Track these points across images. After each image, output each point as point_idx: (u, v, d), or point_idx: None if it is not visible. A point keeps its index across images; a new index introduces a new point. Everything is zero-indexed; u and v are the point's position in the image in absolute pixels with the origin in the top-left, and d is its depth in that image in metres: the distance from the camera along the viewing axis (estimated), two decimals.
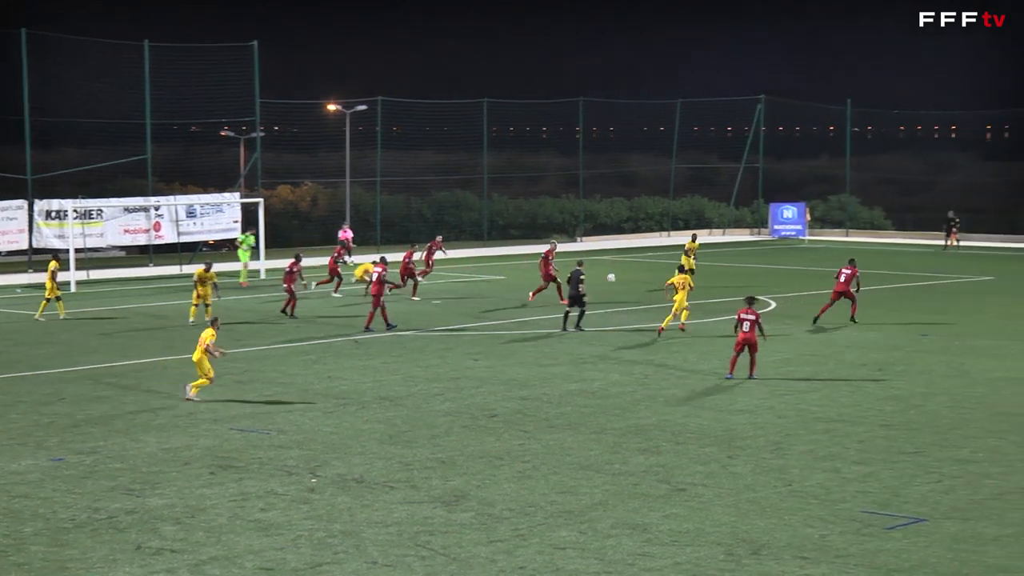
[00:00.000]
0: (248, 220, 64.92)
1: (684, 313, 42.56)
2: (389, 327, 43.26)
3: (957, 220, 79.04)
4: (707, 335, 42.48)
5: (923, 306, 50.27)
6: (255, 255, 60.92)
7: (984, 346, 40.13)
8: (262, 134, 73.95)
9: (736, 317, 34.86)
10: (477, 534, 21.13)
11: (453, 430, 28.74)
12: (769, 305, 49.46)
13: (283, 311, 46.63)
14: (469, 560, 19.84)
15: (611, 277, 51.35)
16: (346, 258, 65.16)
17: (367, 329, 43.23)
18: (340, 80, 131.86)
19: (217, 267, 48.90)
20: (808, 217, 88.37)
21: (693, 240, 58.53)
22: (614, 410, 30.72)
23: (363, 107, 77.05)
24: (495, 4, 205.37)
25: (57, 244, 59.27)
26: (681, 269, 44.98)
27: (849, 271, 44.34)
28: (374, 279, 43.75)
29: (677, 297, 42.58)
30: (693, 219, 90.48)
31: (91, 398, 32.63)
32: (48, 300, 46.44)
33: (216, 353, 32.08)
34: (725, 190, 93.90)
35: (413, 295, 52.14)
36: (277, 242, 68.29)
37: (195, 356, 32.13)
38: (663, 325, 41.56)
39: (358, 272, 52.18)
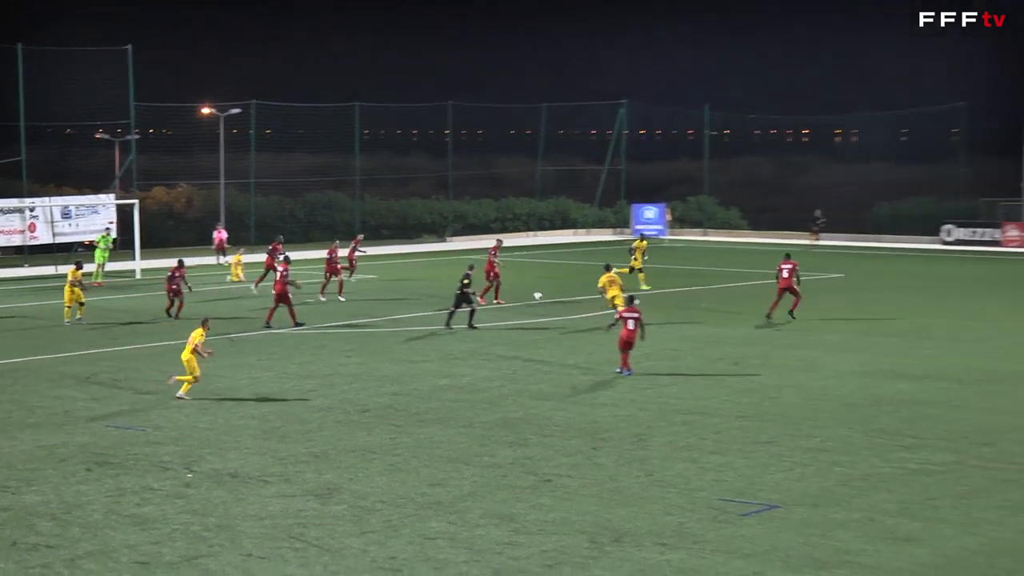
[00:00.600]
0: (123, 222, 64.20)
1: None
2: (297, 325, 43.09)
3: (823, 219, 79.88)
4: (573, 331, 42.73)
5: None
6: (109, 255, 60.05)
7: (833, 341, 40.75)
8: (137, 136, 73.17)
9: (618, 315, 34.99)
10: (350, 526, 21.10)
11: (326, 425, 28.66)
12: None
13: (168, 312, 45.94)
14: (342, 551, 19.81)
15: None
16: (220, 259, 64.78)
17: (267, 325, 43.26)
18: (215, 83, 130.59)
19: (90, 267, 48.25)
20: (668, 217, 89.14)
21: (642, 239, 58.20)
22: (483, 404, 30.80)
23: (237, 110, 76.47)
24: (369, 9, 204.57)
25: None
26: (608, 268, 45.65)
27: (790, 265, 44.74)
28: (278, 278, 43.73)
29: (610, 294, 43.12)
30: (558, 219, 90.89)
31: None
32: None
33: (204, 353, 31.84)
34: (589, 191, 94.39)
35: (339, 294, 51.81)
36: (153, 243, 67.57)
37: (184, 355, 31.85)
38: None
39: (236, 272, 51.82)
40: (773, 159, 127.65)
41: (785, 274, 44.56)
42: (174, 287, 45.70)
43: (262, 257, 56.56)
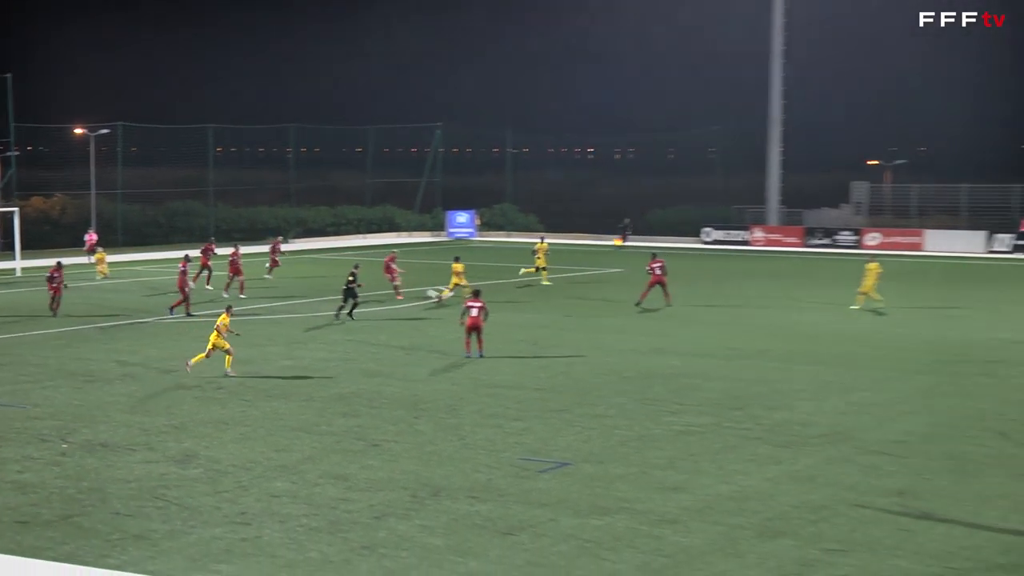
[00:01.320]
0: (5, 227, 62.50)
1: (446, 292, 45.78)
2: (171, 312, 42.90)
3: (630, 225, 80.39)
4: (396, 318, 42.65)
5: (567, 294, 51.32)
6: None
7: (615, 324, 41.26)
8: (17, 153, 71.36)
9: (465, 305, 34.67)
10: (205, 487, 20.84)
11: (185, 400, 28.22)
12: (446, 293, 49.82)
13: (50, 308, 43.96)
14: (199, 508, 19.55)
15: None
16: (91, 258, 63.36)
17: (170, 310, 43.14)
18: (87, 104, 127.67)
19: None
20: (478, 222, 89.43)
21: (542, 241, 57.58)
22: (320, 382, 30.60)
23: (106, 130, 74.99)
24: (225, 39, 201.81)
25: None
26: (458, 259, 47.88)
27: (660, 263, 45.33)
28: (179, 271, 43.72)
29: (454, 282, 46.25)
30: (385, 224, 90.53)
31: None
32: None
33: (235, 332, 32.51)
34: (410, 200, 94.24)
35: (241, 292, 50.72)
36: (32, 245, 65.88)
37: (212, 337, 31.50)
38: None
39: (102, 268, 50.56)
40: (565, 172, 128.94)
41: (658, 271, 45.13)
42: (54, 286, 44.24)
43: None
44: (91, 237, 66.18)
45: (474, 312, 33.82)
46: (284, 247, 61.33)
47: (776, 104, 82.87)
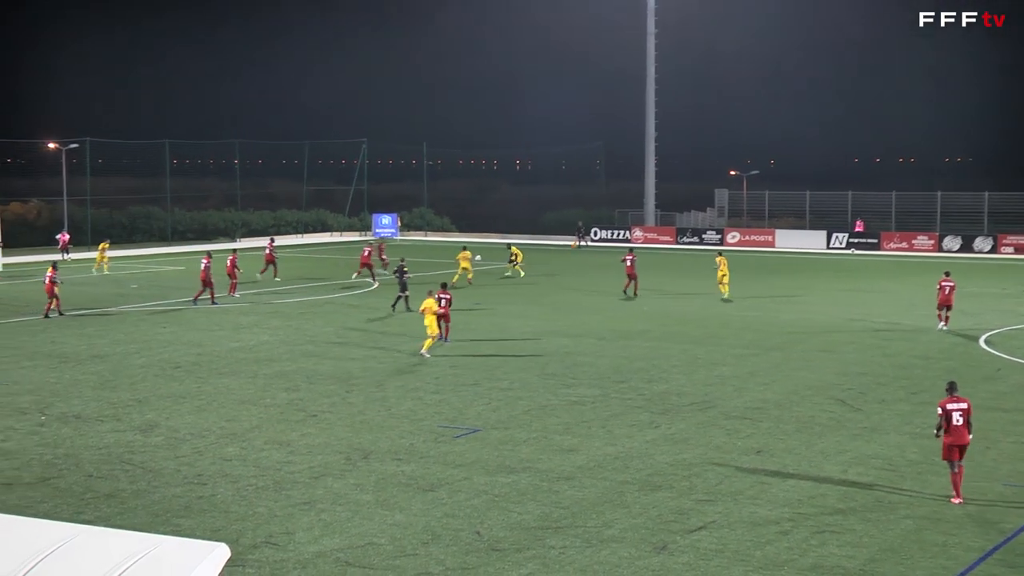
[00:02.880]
0: None
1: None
2: (194, 303, 42.07)
3: (583, 228, 79.99)
4: (329, 305, 42.34)
5: (477, 284, 51.28)
6: None
7: (515, 311, 41.31)
8: None
9: (436, 296, 33.25)
10: (166, 452, 20.56)
11: (147, 378, 27.79)
12: (373, 285, 49.62)
13: (48, 312, 39.38)
14: (160, 471, 19.29)
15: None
16: (64, 255, 62.17)
17: (194, 301, 42.21)
18: (57, 121, 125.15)
19: None
20: (399, 223, 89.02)
21: (510, 247, 56.96)
22: (264, 361, 30.30)
23: (75, 145, 73.50)
24: (178, 62, 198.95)
25: None
26: (465, 248, 50.05)
27: (632, 257, 45.75)
28: (203, 266, 42.50)
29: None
30: (319, 225, 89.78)
31: None
32: None
33: (443, 308, 31.95)
34: (341, 204, 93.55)
35: (275, 276, 50.62)
36: (10, 245, 64.56)
37: (427, 321, 30.70)
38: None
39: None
40: (472, 180, 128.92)
41: (629, 264, 45.56)
42: (50, 284, 39.25)
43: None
44: (63, 237, 65.04)
45: (443, 303, 32.86)
46: (236, 246, 60.46)
47: (651, 122, 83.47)
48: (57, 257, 62.25)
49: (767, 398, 25.57)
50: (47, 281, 39.39)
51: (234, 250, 49.89)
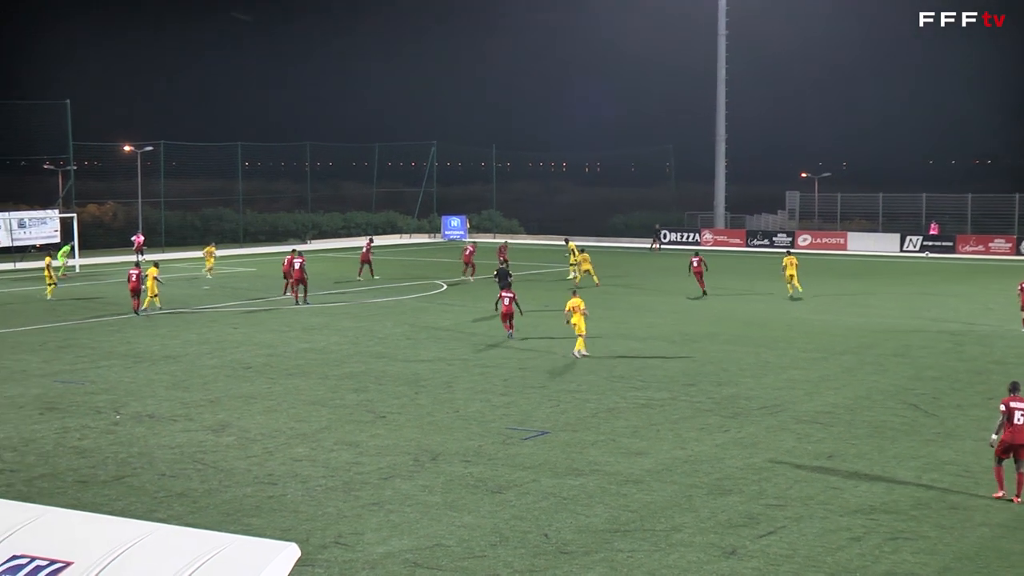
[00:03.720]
0: (65, 230, 62.47)
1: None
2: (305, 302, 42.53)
3: (660, 228, 79.90)
4: (399, 308, 42.56)
5: (546, 287, 51.27)
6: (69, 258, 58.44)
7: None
8: (75, 167, 71.15)
9: (499, 296, 34.77)
10: (237, 452, 20.79)
11: (219, 378, 28.14)
12: (441, 287, 49.85)
13: (153, 308, 40.83)
14: (231, 470, 19.51)
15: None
16: (138, 257, 63.15)
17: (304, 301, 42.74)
18: (135, 125, 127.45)
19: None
20: (468, 225, 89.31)
21: (567, 243, 57.77)
22: (334, 362, 30.54)
23: (150, 148, 74.63)
24: (252, 66, 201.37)
25: None
26: (583, 250, 51.00)
27: (699, 259, 46.34)
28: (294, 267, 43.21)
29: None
30: (388, 227, 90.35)
31: None
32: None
33: (585, 312, 31.47)
34: (411, 207, 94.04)
35: (372, 275, 52.06)
36: (87, 246, 65.85)
37: (574, 319, 31.12)
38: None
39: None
40: (540, 182, 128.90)
41: (695, 265, 46.02)
42: (144, 286, 40.42)
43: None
44: (138, 238, 66.16)
45: (506, 301, 34.29)
46: (305, 247, 61.03)
47: (721, 123, 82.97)
48: (132, 258, 63.40)
49: (838, 402, 25.27)
50: (149, 279, 40.98)
51: (296, 251, 50.43)
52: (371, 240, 57.78)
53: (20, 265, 61.39)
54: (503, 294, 34.70)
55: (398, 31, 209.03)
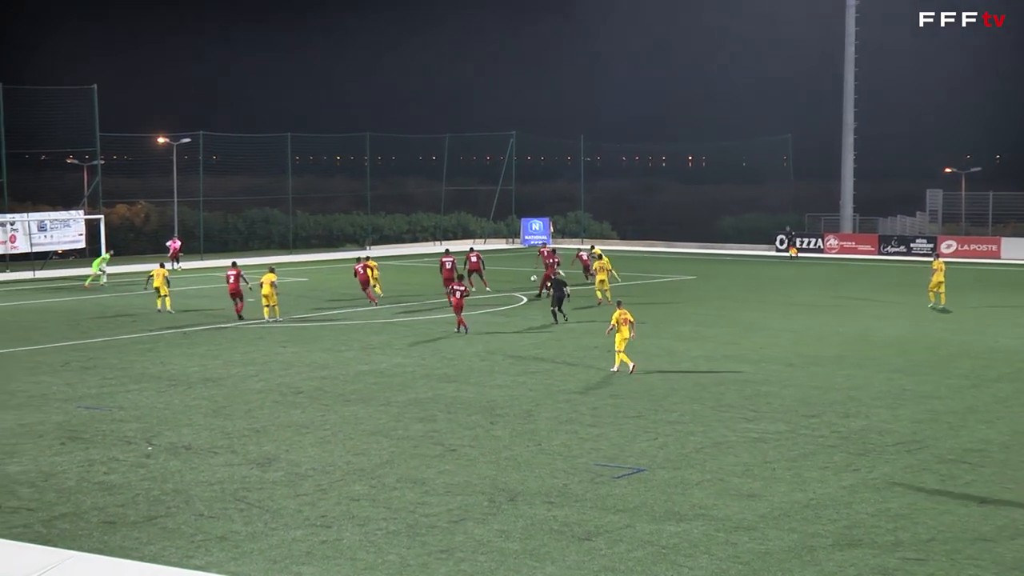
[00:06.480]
0: (91, 234, 63.64)
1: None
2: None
3: (793, 233, 79.79)
4: (483, 324, 42.70)
5: (641, 300, 51.12)
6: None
7: (686, 332, 41.03)
8: (102, 162, 72.45)
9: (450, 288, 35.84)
10: (286, 489, 20.96)
11: (265, 404, 28.43)
12: (520, 300, 49.95)
13: (239, 314, 43.75)
14: (279, 511, 19.66)
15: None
16: (174, 264, 64.12)
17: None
18: (167, 114, 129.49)
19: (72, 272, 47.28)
20: (552, 229, 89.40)
21: (592, 248, 58.40)
22: (397, 386, 30.69)
23: (187, 139, 75.75)
24: (302, 50, 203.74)
25: None
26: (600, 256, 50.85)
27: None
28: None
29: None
30: (460, 231, 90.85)
31: None
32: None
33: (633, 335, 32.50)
34: (485, 207, 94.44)
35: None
36: (116, 251, 67.01)
37: (625, 334, 32.09)
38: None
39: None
40: (636, 179, 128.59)
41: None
42: (234, 289, 43.75)
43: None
44: (174, 244, 67.01)
45: (457, 295, 39.18)
46: (365, 254, 61.55)
47: (849, 111, 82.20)
48: (167, 266, 64.40)
49: (991, 438, 24.83)
50: (231, 280, 43.32)
51: (367, 258, 51.13)
52: (473, 248, 59.17)
53: (40, 274, 62.66)
54: (455, 287, 39.33)
55: (472, 6, 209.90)
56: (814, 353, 36.05)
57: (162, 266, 47.55)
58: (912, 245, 76.70)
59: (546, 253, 53.32)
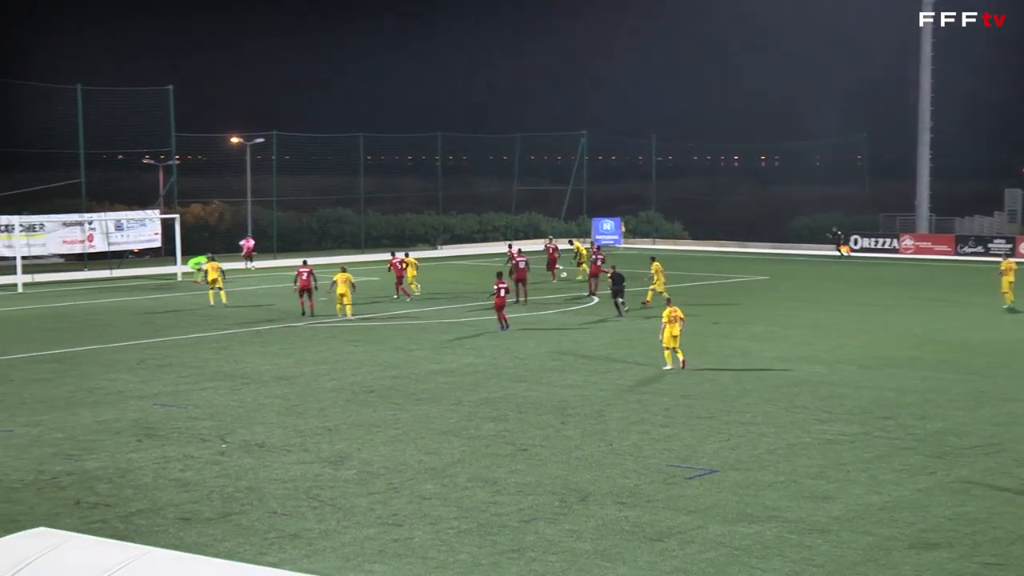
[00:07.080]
0: (166, 233, 64.48)
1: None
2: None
3: (840, 232, 79.31)
4: (540, 325, 42.71)
5: (714, 300, 50.91)
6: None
7: (760, 332, 40.79)
8: (177, 162, 73.28)
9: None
10: (358, 488, 21.07)
11: (337, 403, 28.60)
12: (593, 300, 49.88)
13: (304, 311, 45.09)
14: (351, 509, 19.78)
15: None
16: (248, 264, 64.84)
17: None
18: (241, 116, 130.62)
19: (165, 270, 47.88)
20: (623, 229, 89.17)
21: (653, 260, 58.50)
22: (468, 386, 30.77)
23: (261, 139, 76.43)
24: (373, 51, 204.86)
25: (5, 253, 58.21)
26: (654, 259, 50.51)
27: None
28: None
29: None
30: (531, 231, 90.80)
31: (35, 380, 31.99)
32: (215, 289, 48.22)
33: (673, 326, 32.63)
34: (556, 207, 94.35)
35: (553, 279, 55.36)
36: (191, 251, 67.53)
37: (674, 330, 32.48)
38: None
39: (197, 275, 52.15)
40: (708, 179, 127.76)
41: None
42: (306, 286, 44.78)
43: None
44: (248, 243, 67.73)
45: (502, 292, 39.91)
46: (436, 253, 61.94)
47: (925, 109, 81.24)
48: (240, 265, 65.07)
49: None
50: (303, 277, 44.50)
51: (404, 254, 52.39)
52: (551, 239, 61.85)
53: (117, 273, 63.51)
54: (498, 284, 40.09)
55: (544, 5, 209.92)
56: (889, 354, 35.70)
57: (211, 258, 48.44)
58: (990, 245, 75.64)
59: (515, 252, 53.13)
